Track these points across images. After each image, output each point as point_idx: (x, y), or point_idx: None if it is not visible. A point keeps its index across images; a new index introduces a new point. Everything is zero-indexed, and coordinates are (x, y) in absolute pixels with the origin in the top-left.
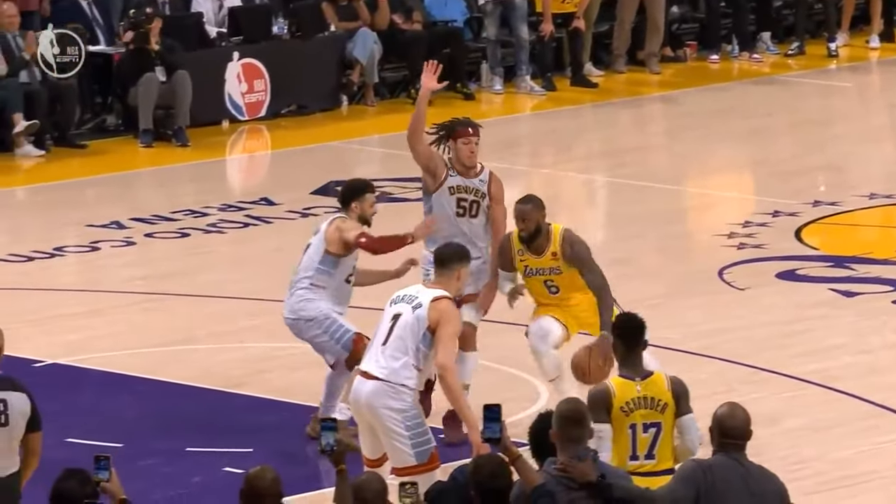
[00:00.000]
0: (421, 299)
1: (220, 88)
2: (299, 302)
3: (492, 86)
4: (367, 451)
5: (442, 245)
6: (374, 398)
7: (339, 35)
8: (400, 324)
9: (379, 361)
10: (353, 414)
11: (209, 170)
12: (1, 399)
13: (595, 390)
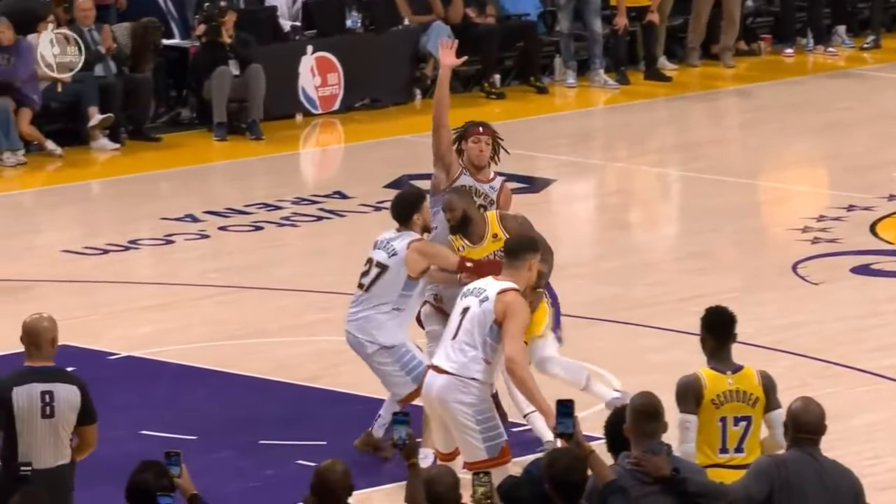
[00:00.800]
0: (488, 292)
1: (293, 82)
2: (377, 327)
3: (565, 80)
4: (440, 445)
5: (513, 236)
6: (444, 392)
7: (413, 29)
8: (468, 317)
9: (449, 355)
10: (426, 408)
11: (283, 163)
12: (47, 390)
13: (686, 380)
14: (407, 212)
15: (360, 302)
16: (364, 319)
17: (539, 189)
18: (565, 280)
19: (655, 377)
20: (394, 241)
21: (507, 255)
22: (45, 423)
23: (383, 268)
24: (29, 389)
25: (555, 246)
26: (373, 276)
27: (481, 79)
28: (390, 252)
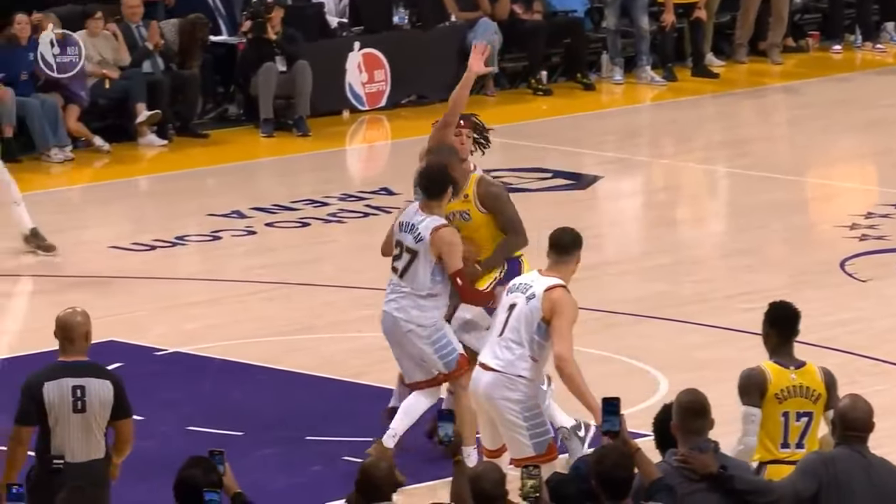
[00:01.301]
0: (535, 289)
1: (340, 78)
2: (414, 307)
3: (612, 76)
4: (487, 441)
5: (558, 231)
6: (491, 390)
7: (460, 25)
8: (514, 314)
9: (495, 352)
10: (473, 404)
11: (329, 160)
12: (79, 385)
13: (749, 373)
14: (438, 187)
15: (396, 286)
16: (402, 300)
17: (585, 186)
18: (612, 277)
19: (702, 374)
20: (419, 226)
21: (555, 250)
22: (77, 418)
23: (413, 253)
24: (60, 384)
25: (602, 243)
26: (405, 261)
27: (528, 75)
28: (417, 237)
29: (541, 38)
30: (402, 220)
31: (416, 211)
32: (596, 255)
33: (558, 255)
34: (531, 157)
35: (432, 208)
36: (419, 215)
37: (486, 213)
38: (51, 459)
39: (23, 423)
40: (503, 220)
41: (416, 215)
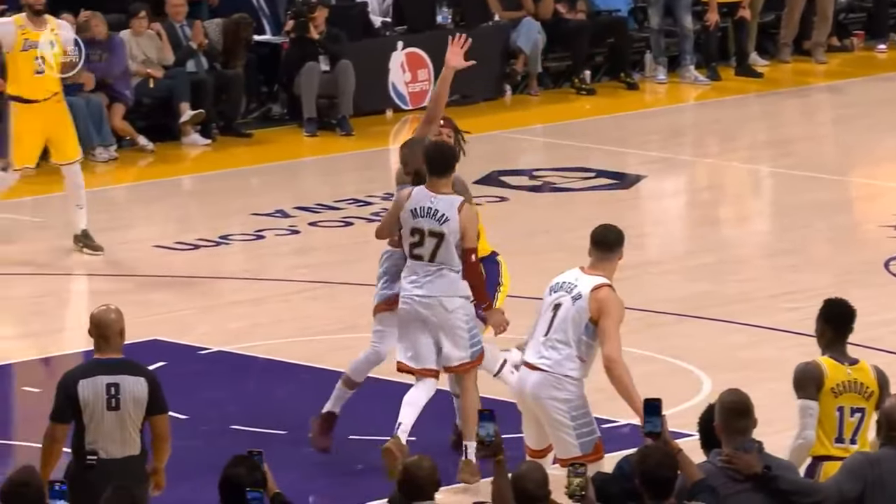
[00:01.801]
0: (580, 288)
1: (383, 78)
2: (454, 282)
3: (655, 76)
4: (531, 441)
5: (601, 228)
6: (538, 389)
7: (503, 24)
8: (560, 314)
9: (541, 352)
10: (518, 404)
11: (373, 159)
12: (113, 383)
13: (805, 367)
14: (444, 164)
15: (425, 270)
16: (438, 280)
17: (629, 185)
18: (656, 276)
19: (746, 374)
20: (439, 208)
21: (599, 248)
22: (111, 415)
23: (440, 235)
24: (94, 382)
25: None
26: (432, 245)
27: (571, 75)
28: (441, 219)
29: (584, 38)
30: (413, 206)
31: (427, 195)
32: (639, 255)
33: (602, 253)
34: (574, 156)
35: (441, 187)
36: (432, 197)
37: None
38: (85, 455)
39: (57, 421)
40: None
41: (428, 199)
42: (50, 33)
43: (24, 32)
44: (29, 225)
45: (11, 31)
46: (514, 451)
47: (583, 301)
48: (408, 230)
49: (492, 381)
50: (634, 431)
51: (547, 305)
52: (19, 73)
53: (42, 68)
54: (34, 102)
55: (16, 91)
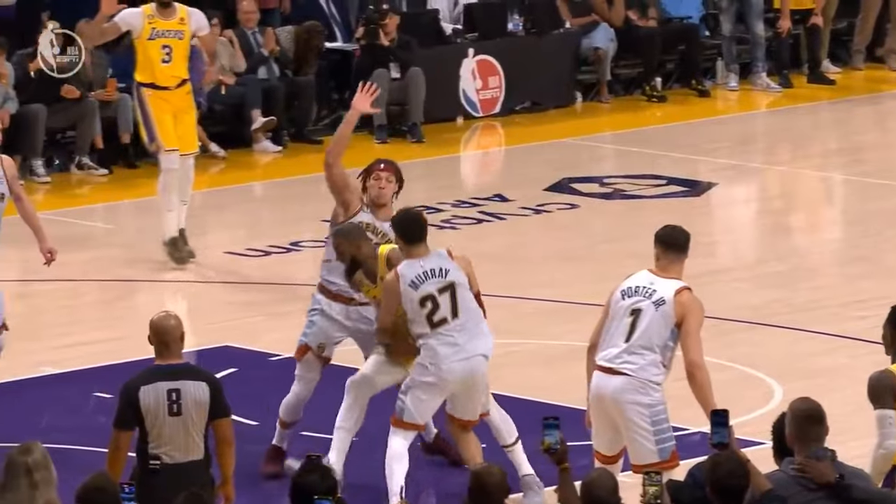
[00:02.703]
0: (662, 293)
1: (454, 85)
2: (487, 338)
3: (727, 83)
4: (604, 447)
5: (668, 229)
6: (621, 393)
7: (574, 31)
8: (644, 320)
9: (622, 358)
10: (594, 409)
11: (443, 166)
12: (174, 389)
13: (879, 376)
14: (424, 227)
15: (457, 329)
16: (480, 336)
17: (700, 193)
18: (726, 284)
19: (817, 382)
20: (432, 266)
21: (671, 249)
22: (174, 421)
23: (450, 286)
24: (156, 388)
25: (716, 250)
26: (447, 300)
27: (642, 82)
28: (442, 273)
29: (655, 45)
30: (409, 281)
31: (415, 263)
32: (710, 263)
33: (674, 255)
34: (645, 163)
35: (422, 252)
36: (421, 262)
37: None
38: (149, 460)
39: (121, 428)
40: None
41: (418, 265)
42: (178, 23)
43: (152, 21)
44: (101, 231)
45: (139, 20)
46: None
47: (667, 306)
48: (416, 304)
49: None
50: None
51: (622, 310)
52: (148, 62)
53: (169, 58)
54: (164, 89)
55: (145, 78)
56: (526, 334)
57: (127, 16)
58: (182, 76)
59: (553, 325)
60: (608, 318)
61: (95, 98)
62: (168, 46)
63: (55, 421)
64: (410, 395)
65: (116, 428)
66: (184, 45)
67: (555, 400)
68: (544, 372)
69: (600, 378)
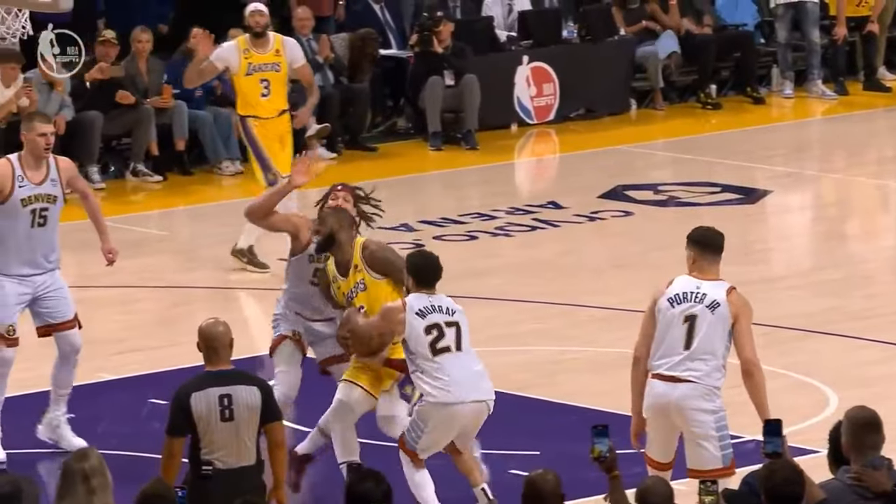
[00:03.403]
0: (713, 296)
1: (509, 92)
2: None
3: (782, 90)
4: (660, 454)
5: (704, 231)
6: (686, 400)
7: (629, 39)
8: (701, 326)
9: (685, 365)
10: (654, 417)
11: (497, 173)
12: (226, 394)
13: None
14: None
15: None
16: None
17: (755, 200)
18: (781, 291)
19: (873, 390)
20: (441, 303)
21: (711, 251)
22: (225, 426)
23: (455, 325)
24: (207, 394)
25: (771, 257)
26: (454, 335)
27: (697, 89)
28: (450, 312)
29: (710, 52)
30: (417, 309)
31: (424, 297)
32: (765, 270)
33: (712, 256)
34: (700, 171)
35: (433, 291)
36: (430, 296)
37: (380, 278)
38: (201, 466)
39: (174, 435)
40: (398, 277)
41: (427, 300)
42: (274, 55)
43: (248, 56)
44: (155, 237)
45: (235, 56)
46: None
47: (722, 308)
48: (422, 332)
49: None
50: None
51: (675, 318)
52: (248, 97)
53: (267, 91)
54: (266, 119)
55: (247, 111)
56: (579, 341)
57: (223, 53)
58: (282, 107)
59: (606, 332)
60: (655, 326)
61: (151, 105)
62: (266, 80)
63: (111, 427)
64: (422, 425)
65: (169, 435)
66: (282, 77)
67: (608, 407)
68: (597, 379)
69: (662, 387)
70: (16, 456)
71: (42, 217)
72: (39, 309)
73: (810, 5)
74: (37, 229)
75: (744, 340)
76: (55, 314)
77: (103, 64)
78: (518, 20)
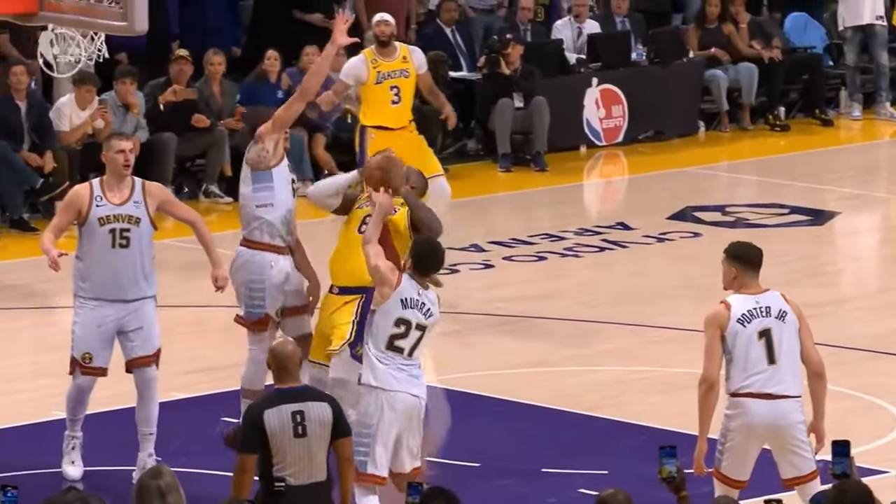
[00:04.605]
0: (777, 305)
1: (578, 114)
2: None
3: (850, 112)
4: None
5: (746, 246)
6: (787, 416)
7: (697, 61)
8: (780, 339)
9: (775, 379)
10: (744, 437)
11: (566, 194)
12: (298, 410)
13: None
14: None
15: (406, 365)
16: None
17: (823, 222)
18: (849, 312)
19: None
20: (425, 300)
21: (755, 267)
22: (298, 443)
23: (423, 329)
24: (280, 411)
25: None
26: (414, 339)
27: (766, 111)
28: (427, 314)
29: (779, 75)
30: (403, 296)
31: (415, 286)
32: (833, 292)
33: (756, 271)
34: (768, 192)
35: (426, 281)
36: (420, 290)
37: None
38: (273, 482)
39: (246, 452)
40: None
41: (416, 290)
42: (402, 61)
43: (376, 65)
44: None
45: (364, 67)
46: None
47: (790, 315)
48: (392, 320)
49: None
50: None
51: (749, 336)
52: (377, 105)
53: (398, 98)
54: (390, 130)
55: (373, 121)
56: (648, 362)
57: (352, 68)
58: (409, 117)
59: (675, 353)
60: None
61: (224, 126)
62: (396, 87)
63: (183, 445)
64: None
65: (241, 452)
66: (410, 84)
67: (676, 427)
68: (666, 399)
69: (757, 405)
70: (89, 473)
71: (123, 238)
72: (125, 342)
73: (879, 28)
74: (118, 250)
75: (811, 342)
76: (136, 349)
77: (177, 86)
78: (587, 43)
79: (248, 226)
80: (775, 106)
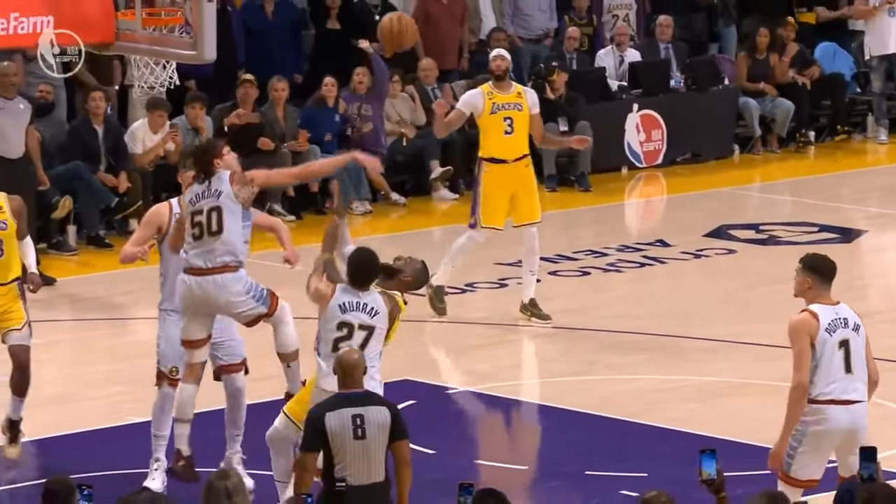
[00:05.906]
0: (852, 318)
1: (620, 137)
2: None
3: (877, 136)
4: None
5: (817, 258)
6: (863, 420)
7: (733, 88)
8: (856, 349)
9: (853, 386)
10: (825, 440)
11: (609, 213)
12: (358, 414)
13: None
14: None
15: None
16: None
17: (851, 239)
18: (877, 325)
19: None
20: (367, 301)
21: (830, 277)
22: (357, 445)
23: (370, 329)
24: (341, 414)
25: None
26: (361, 338)
27: (796, 134)
28: (372, 313)
29: (807, 99)
30: (341, 301)
31: (353, 291)
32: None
33: (830, 283)
34: (798, 211)
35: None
36: (359, 293)
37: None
38: (334, 482)
39: (306, 450)
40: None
41: (356, 294)
42: (516, 96)
43: (492, 97)
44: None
45: (480, 99)
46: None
47: (863, 329)
48: (334, 326)
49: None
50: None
51: (832, 345)
52: (490, 136)
53: (511, 129)
54: (504, 163)
55: (488, 153)
56: (686, 371)
57: (469, 98)
58: (524, 151)
59: (711, 363)
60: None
61: (288, 149)
62: (509, 118)
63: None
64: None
65: (302, 450)
66: (524, 118)
67: (713, 432)
68: (702, 406)
69: (840, 412)
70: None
71: None
72: (214, 352)
73: None
74: None
75: (871, 354)
76: (225, 357)
77: (241, 110)
78: (629, 70)
79: (237, 256)
80: (805, 129)
